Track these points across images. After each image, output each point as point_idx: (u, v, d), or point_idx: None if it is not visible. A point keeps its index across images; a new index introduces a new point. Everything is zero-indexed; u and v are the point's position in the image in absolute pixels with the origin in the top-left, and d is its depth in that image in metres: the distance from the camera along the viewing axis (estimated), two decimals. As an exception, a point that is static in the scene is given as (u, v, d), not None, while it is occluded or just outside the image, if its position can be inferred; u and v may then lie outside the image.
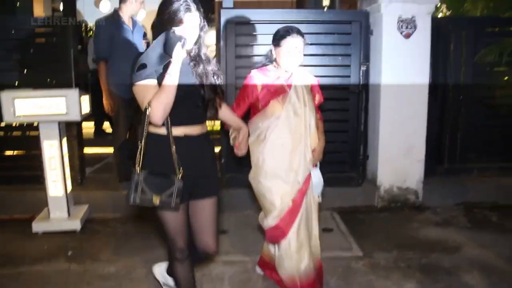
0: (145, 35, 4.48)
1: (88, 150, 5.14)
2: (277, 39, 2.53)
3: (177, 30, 1.96)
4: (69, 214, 3.82)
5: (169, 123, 2.00)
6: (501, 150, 4.80)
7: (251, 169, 2.61)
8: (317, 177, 2.67)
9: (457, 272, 3.10)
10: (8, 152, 4.55)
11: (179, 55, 1.92)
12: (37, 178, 4.04)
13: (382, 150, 4.29)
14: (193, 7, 1.99)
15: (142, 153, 1.97)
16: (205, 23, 2.07)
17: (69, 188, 3.89)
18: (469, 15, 5.41)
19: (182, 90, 1.98)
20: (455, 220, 4.11)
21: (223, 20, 4.10)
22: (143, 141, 1.97)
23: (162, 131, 2.03)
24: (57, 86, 3.93)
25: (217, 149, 5.05)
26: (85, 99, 3.75)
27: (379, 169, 4.33)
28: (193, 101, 2.09)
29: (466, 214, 4.24)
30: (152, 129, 2.02)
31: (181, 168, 2.01)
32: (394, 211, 4.33)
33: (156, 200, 1.96)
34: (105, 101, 4.19)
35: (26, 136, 4.38)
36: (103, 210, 4.18)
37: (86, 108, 3.77)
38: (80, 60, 6.97)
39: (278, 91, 2.54)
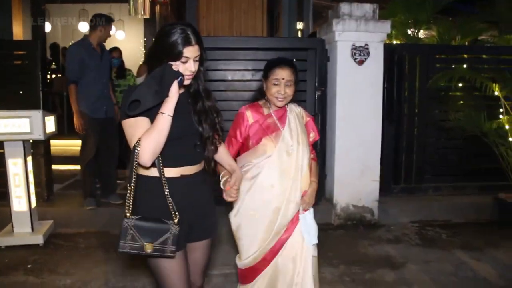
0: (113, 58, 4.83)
1: (59, 167, 5.30)
2: (265, 70, 2.41)
3: (174, 65, 1.79)
4: (32, 229, 3.94)
5: (161, 164, 1.83)
6: (455, 170, 5.06)
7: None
8: (309, 223, 2.44)
9: (398, 286, 3.27)
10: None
11: (175, 93, 1.76)
12: (2, 194, 4.18)
13: (338, 170, 4.50)
14: (193, 39, 1.80)
15: (131, 197, 1.80)
16: (205, 55, 1.91)
17: (34, 204, 4.02)
18: (422, 43, 5.70)
19: (180, 128, 1.84)
20: (407, 237, 4.30)
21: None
22: (132, 183, 1.80)
23: (154, 173, 1.85)
24: (25, 107, 4.11)
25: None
26: (50, 119, 3.93)
27: (335, 188, 4.52)
28: (191, 139, 1.93)
29: (418, 232, 4.43)
30: (143, 171, 1.86)
31: (177, 212, 1.83)
32: (350, 228, 4.51)
33: (148, 248, 1.77)
34: (75, 121, 4.37)
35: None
36: (67, 226, 4.32)
37: (51, 128, 3.93)
38: (56, 83, 7.19)
39: (270, 129, 2.39)
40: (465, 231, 4.48)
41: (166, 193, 1.83)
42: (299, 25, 8.37)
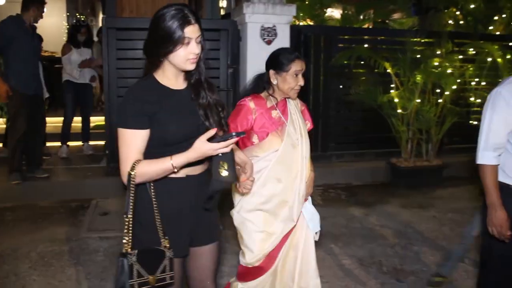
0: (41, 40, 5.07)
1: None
2: (283, 63, 2.27)
3: (179, 53, 1.64)
4: (-42, 204, 4.11)
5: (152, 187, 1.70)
6: (355, 139, 5.75)
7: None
8: (310, 211, 2.44)
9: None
10: None
11: (201, 154, 1.61)
12: None
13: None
14: (192, 17, 1.63)
15: (129, 229, 1.63)
16: (204, 39, 1.73)
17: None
18: (327, 25, 6.29)
19: (187, 131, 1.70)
20: (311, 198, 4.89)
21: (105, 26, 4.59)
22: (129, 212, 1.63)
23: (146, 194, 1.71)
24: None
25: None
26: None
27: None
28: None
29: (321, 194, 5.05)
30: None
31: (166, 236, 1.71)
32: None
33: (152, 281, 1.64)
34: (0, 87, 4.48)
35: None
36: (-5, 200, 4.50)
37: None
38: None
39: (276, 123, 2.31)
40: (361, 192, 5.18)
41: (157, 217, 1.70)
42: (222, 3, 8.64)
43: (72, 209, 4.45)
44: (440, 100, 5.38)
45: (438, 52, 5.43)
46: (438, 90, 5.40)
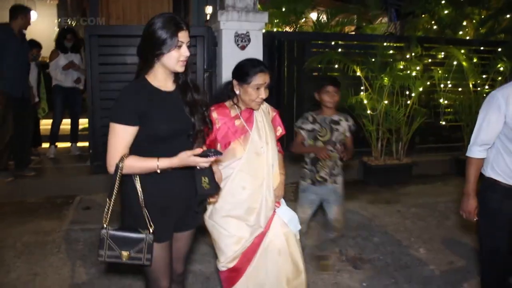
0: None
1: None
2: (245, 75, 2.32)
3: (172, 55, 1.87)
4: (-50, 200, 4.39)
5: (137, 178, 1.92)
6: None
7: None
8: (287, 214, 2.48)
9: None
10: None
11: (183, 163, 1.85)
12: None
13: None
14: (183, 24, 1.88)
15: (109, 210, 1.89)
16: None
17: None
18: (301, 31, 6.61)
19: (177, 128, 1.94)
20: (285, 194, 5.18)
21: (87, 33, 4.90)
22: (113, 196, 1.86)
23: (133, 185, 1.93)
24: None
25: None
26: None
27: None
28: (184, 132, 1.98)
29: (294, 191, 5.28)
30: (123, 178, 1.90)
31: (151, 223, 1.92)
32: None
33: (125, 257, 1.88)
34: None
35: None
36: (-16, 197, 4.78)
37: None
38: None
39: (238, 132, 2.36)
40: (333, 188, 5.44)
41: (140, 201, 1.91)
42: (208, 10, 8.95)
43: (57, 205, 4.74)
44: (409, 102, 5.68)
45: (408, 56, 5.74)
46: (407, 92, 5.70)
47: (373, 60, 5.52)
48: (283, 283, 2.43)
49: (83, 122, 6.57)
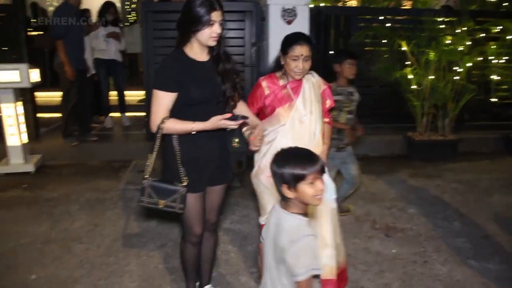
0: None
1: (44, 115, 6.38)
2: (284, 46, 2.52)
3: (205, 31, 2.08)
4: (25, 160, 4.96)
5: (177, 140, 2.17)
6: (373, 114, 6.08)
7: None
8: (326, 181, 2.49)
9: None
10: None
11: (215, 126, 2.08)
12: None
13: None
14: (217, 4, 2.07)
15: (152, 164, 2.15)
16: (225, 21, 2.15)
17: (25, 140, 5.01)
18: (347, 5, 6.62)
19: (210, 93, 2.16)
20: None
21: (143, 9, 5.26)
22: (154, 152, 2.14)
23: (171, 143, 2.18)
24: (13, 61, 5.02)
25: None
26: (35, 71, 4.87)
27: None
28: (215, 98, 2.19)
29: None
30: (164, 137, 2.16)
31: (186, 177, 2.18)
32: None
33: (161, 204, 2.16)
34: (68, 69, 5.26)
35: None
36: (53, 159, 5.35)
37: (36, 78, 4.89)
38: (36, 40, 7.93)
39: (284, 99, 2.54)
40: (375, 162, 5.57)
41: (177, 158, 2.17)
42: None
43: (115, 167, 5.23)
44: (457, 77, 5.61)
45: (458, 31, 5.63)
46: (455, 68, 5.63)
47: (421, 34, 5.48)
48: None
49: (141, 94, 7.00)
